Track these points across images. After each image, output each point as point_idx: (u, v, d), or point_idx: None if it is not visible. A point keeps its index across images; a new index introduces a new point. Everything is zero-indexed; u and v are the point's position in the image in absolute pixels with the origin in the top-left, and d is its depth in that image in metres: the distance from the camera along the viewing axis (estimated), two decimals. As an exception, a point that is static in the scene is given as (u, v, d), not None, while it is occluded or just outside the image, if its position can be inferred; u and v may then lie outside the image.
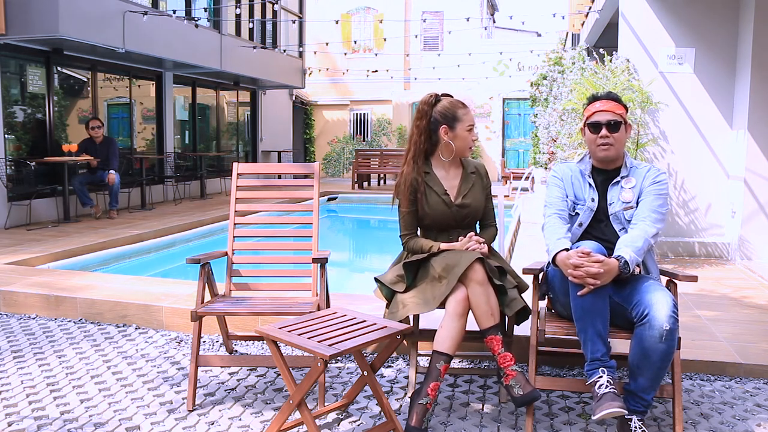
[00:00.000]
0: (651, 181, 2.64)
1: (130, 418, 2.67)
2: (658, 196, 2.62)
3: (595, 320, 2.39)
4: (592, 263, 2.36)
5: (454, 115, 2.83)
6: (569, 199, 2.72)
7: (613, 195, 2.68)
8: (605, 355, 2.40)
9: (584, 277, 2.35)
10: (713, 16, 5.85)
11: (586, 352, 2.43)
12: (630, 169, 2.70)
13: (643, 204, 2.62)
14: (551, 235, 2.61)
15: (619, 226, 2.64)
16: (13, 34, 7.65)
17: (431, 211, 2.83)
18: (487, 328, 2.54)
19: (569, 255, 2.42)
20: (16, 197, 8.03)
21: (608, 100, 2.68)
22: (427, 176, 2.85)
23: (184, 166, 12.05)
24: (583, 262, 2.37)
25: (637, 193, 2.65)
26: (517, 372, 2.48)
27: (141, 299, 4.10)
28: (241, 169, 3.31)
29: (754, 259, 5.70)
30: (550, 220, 2.68)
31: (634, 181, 2.67)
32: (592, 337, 2.40)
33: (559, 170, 2.81)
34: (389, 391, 2.98)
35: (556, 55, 10.97)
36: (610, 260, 2.39)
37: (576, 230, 2.69)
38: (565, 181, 2.75)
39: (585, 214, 2.69)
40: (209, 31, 11.33)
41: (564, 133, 6.86)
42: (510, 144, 18.85)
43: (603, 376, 2.36)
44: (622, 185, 2.67)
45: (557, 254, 2.49)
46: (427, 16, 19.07)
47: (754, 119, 5.59)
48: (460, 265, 2.57)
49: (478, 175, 2.93)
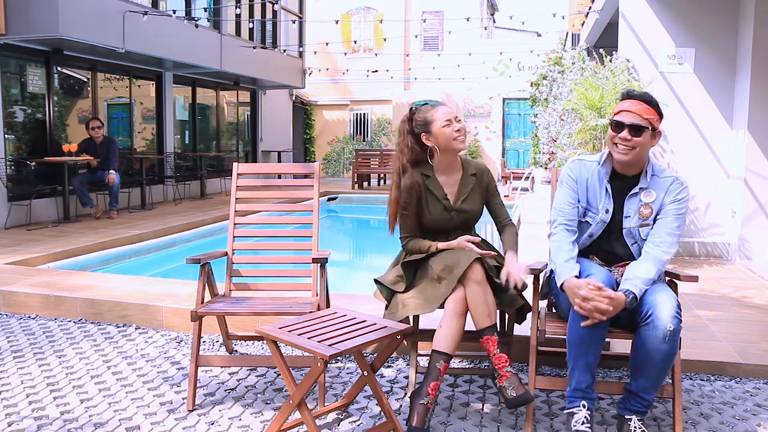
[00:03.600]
0: (672, 198, 2.50)
1: (130, 418, 2.67)
2: (677, 217, 2.49)
3: (588, 351, 2.37)
4: (602, 298, 2.28)
5: (425, 120, 2.82)
6: (581, 204, 2.59)
7: (630, 207, 2.54)
8: (589, 387, 2.39)
9: (592, 310, 2.29)
10: (713, 16, 5.85)
11: (572, 380, 2.41)
12: (652, 178, 2.54)
13: (660, 224, 2.49)
14: (558, 255, 2.51)
15: (632, 241, 2.55)
16: (13, 34, 7.65)
17: (431, 215, 2.83)
18: (483, 328, 2.54)
19: (579, 285, 2.34)
20: (16, 197, 8.03)
21: (640, 102, 2.49)
22: (428, 179, 2.85)
23: (184, 166, 12.05)
24: (594, 296, 2.29)
25: (657, 208, 2.51)
26: (511, 373, 2.48)
27: (141, 299, 4.10)
28: (241, 169, 3.31)
29: (754, 259, 5.70)
30: (558, 234, 2.57)
31: (654, 195, 2.52)
32: (582, 368, 2.38)
33: (575, 169, 2.63)
34: (389, 391, 2.98)
35: (556, 55, 10.96)
36: (619, 295, 2.31)
37: (585, 241, 2.61)
38: (579, 184, 2.60)
39: (596, 226, 2.58)
40: (209, 31, 11.32)
41: (564, 133, 6.86)
42: (510, 144, 18.85)
43: (582, 410, 2.36)
44: (641, 198, 2.53)
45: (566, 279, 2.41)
46: (427, 16, 19.06)
47: (754, 119, 5.59)
48: (459, 265, 2.57)
49: (477, 178, 2.91)
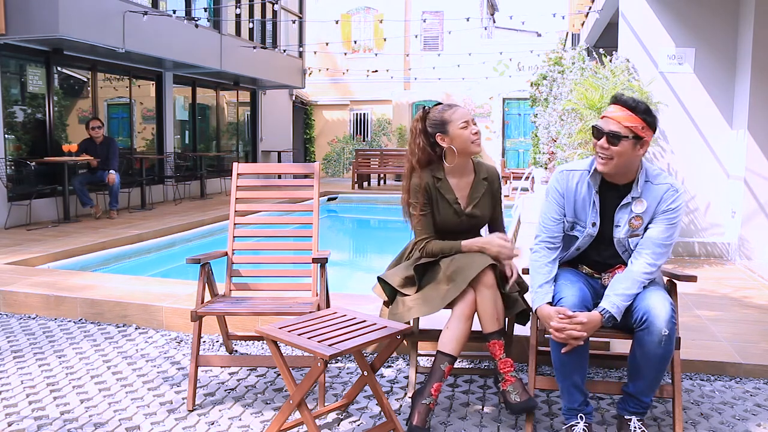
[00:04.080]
0: (665, 207, 2.41)
1: (130, 418, 2.67)
2: (669, 227, 2.40)
3: (573, 374, 2.39)
4: (574, 326, 2.29)
5: (442, 120, 2.81)
6: (567, 219, 2.53)
7: (620, 218, 2.46)
8: (582, 404, 2.42)
9: (567, 339, 2.31)
10: (713, 16, 5.85)
11: (564, 401, 2.46)
12: (645, 185, 2.43)
13: (650, 233, 2.42)
14: (534, 278, 2.50)
15: (622, 250, 2.51)
16: (13, 34, 7.65)
17: (441, 219, 2.82)
18: (491, 332, 2.55)
19: (550, 314, 2.34)
20: (16, 197, 8.03)
21: (624, 108, 2.36)
22: (439, 182, 2.83)
23: (184, 166, 12.05)
24: (564, 325, 2.29)
25: (648, 218, 2.43)
26: (515, 378, 2.50)
27: (141, 299, 4.10)
28: (241, 169, 3.31)
29: (754, 259, 5.70)
30: (538, 253, 2.54)
31: (646, 204, 2.42)
32: (569, 389, 2.42)
33: (562, 181, 2.53)
34: (389, 391, 2.98)
35: (556, 55, 10.96)
36: (593, 316, 2.31)
37: (573, 253, 2.59)
38: (566, 198, 2.51)
39: (583, 240, 2.52)
40: (209, 31, 11.32)
41: (564, 133, 6.86)
42: (510, 144, 18.85)
43: (580, 423, 2.39)
44: (632, 208, 2.43)
45: (539, 306, 2.44)
46: (427, 16, 19.06)
47: (754, 119, 5.59)
48: (472, 268, 2.56)
49: (489, 182, 2.90)
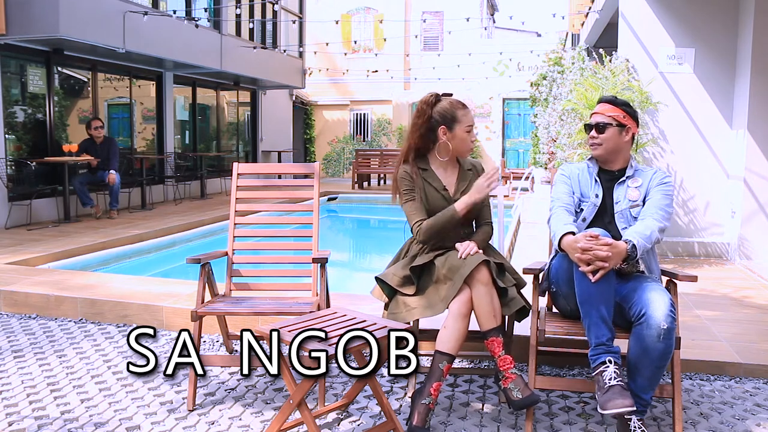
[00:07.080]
0: (658, 182, 2.68)
1: (130, 418, 2.67)
2: (666, 196, 2.65)
3: (599, 305, 2.38)
4: (600, 246, 2.36)
5: (453, 116, 2.81)
6: (576, 195, 2.75)
7: (619, 194, 2.70)
8: (610, 341, 2.38)
9: (592, 259, 2.35)
10: (713, 16, 5.85)
11: (590, 337, 2.41)
12: (636, 170, 2.74)
13: (650, 202, 2.65)
14: (557, 222, 2.62)
15: (624, 225, 2.65)
16: (14, 34, 7.65)
17: (431, 207, 2.81)
18: (489, 329, 2.54)
19: (577, 239, 2.42)
20: (17, 197, 8.03)
21: (605, 104, 2.75)
22: (424, 173, 2.83)
23: (184, 166, 12.06)
24: (591, 245, 2.36)
25: (644, 192, 2.68)
26: (516, 375, 2.48)
27: (141, 299, 4.10)
28: (241, 169, 3.32)
29: (753, 259, 5.70)
30: (556, 211, 2.70)
31: (641, 180, 2.70)
32: (597, 322, 2.38)
33: (567, 169, 2.85)
34: (389, 391, 2.98)
35: (555, 55, 10.97)
36: (619, 243, 2.40)
37: (580, 225, 2.70)
38: (572, 179, 2.79)
39: (588, 210, 2.71)
40: (209, 31, 11.32)
41: (564, 133, 6.86)
42: (510, 144, 18.85)
43: (609, 366, 2.34)
44: (628, 184, 2.71)
45: (563, 237, 2.49)
46: (427, 17, 19.06)
47: (754, 119, 5.59)
48: (465, 266, 2.57)
49: (474, 173, 2.91)
